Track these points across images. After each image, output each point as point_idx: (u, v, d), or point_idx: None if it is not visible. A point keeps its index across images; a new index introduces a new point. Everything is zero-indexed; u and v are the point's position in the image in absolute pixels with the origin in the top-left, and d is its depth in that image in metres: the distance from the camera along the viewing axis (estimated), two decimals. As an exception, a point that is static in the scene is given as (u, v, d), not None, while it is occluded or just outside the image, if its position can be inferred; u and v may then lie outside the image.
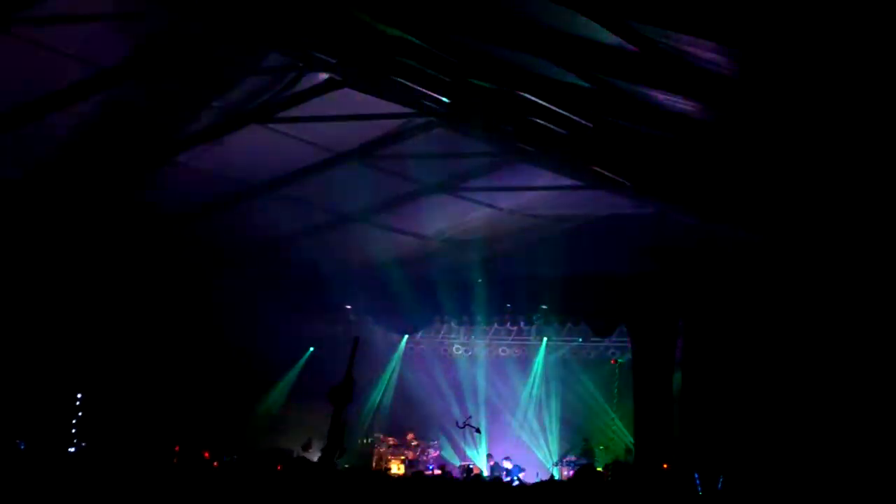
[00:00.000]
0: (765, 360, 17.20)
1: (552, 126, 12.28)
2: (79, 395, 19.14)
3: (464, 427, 21.15)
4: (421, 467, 22.47)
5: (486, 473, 21.66)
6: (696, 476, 18.76)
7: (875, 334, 15.49)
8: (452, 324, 24.32)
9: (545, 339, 24.86)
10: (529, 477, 21.11)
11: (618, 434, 22.90)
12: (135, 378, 19.11)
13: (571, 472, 21.81)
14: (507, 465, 21.58)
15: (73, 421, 19.02)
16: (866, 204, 12.58)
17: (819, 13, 6.98)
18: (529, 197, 17.60)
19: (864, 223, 13.48)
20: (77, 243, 17.18)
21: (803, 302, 16.63)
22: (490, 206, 17.97)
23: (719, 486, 18.11)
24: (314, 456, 18.33)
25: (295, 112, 13.93)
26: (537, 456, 24.23)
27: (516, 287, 20.44)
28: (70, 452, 18.07)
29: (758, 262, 16.89)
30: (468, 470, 21.15)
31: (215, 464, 18.42)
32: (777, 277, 16.89)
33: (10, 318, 17.26)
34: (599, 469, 20.35)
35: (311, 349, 23.50)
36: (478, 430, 21.43)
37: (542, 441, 24.48)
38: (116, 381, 19.12)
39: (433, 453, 23.65)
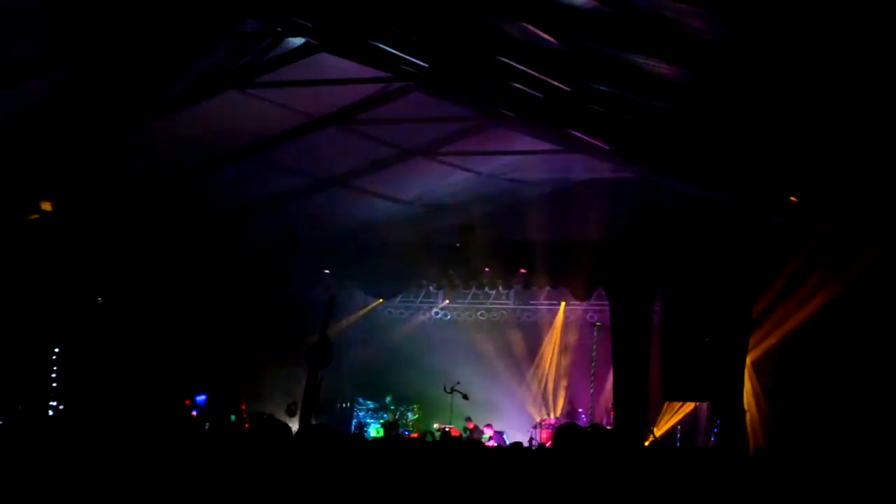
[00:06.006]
0: (742, 322, 17.35)
1: (530, 90, 12.25)
2: (56, 350, 18.85)
3: (451, 392, 21.12)
4: (401, 430, 22.56)
5: (464, 437, 21.67)
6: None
7: (854, 302, 15.67)
8: (431, 288, 24.30)
9: (519, 304, 24.95)
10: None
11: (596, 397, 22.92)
12: (108, 341, 18.93)
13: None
14: (488, 432, 21.51)
15: (53, 375, 18.76)
16: (847, 169, 12.63)
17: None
18: (508, 161, 17.61)
19: (847, 188, 13.55)
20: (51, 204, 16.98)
21: (781, 265, 16.77)
22: (469, 170, 17.96)
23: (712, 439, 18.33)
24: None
25: (272, 77, 13.84)
26: (518, 420, 24.35)
27: (495, 251, 20.40)
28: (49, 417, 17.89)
29: (735, 225, 16.98)
30: (444, 433, 21.17)
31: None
32: (754, 240, 17.00)
33: None
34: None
35: (288, 313, 23.30)
36: (465, 397, 21.36)
37: (523, 404, 24.57)
38: (89, 342, 18.92)
39: (411, 416, 23.76)
